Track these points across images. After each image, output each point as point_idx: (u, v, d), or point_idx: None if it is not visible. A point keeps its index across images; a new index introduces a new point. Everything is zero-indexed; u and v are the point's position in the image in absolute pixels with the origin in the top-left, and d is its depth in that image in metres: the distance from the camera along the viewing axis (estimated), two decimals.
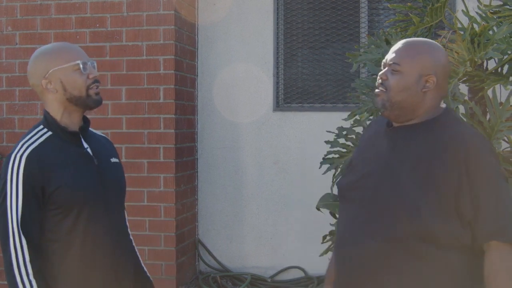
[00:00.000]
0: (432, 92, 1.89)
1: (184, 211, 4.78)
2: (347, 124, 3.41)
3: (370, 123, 2.20)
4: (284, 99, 5.03)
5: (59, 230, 1.97)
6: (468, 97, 2.99)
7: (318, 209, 3.28)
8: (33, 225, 1.93)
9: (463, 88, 3.01)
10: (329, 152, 3.21)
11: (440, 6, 3.00)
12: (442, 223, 1.76)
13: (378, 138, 1.99)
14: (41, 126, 2.06)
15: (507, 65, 2.85)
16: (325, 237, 3.19)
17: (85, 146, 2.08)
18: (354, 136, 3.19)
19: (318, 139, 3.92)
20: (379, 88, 1.92)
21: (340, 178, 2.12)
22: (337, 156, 3.20)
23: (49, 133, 2.03)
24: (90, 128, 2.19)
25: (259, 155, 4.98)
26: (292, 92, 5.03)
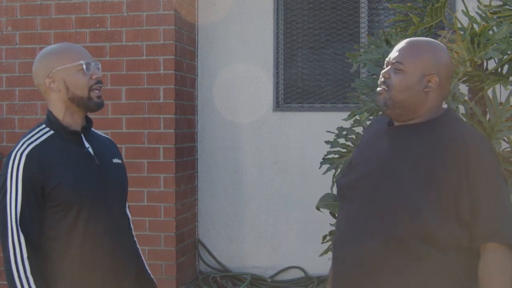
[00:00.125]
0: (434, 92, 1.89)
1: (184, 211, 4.78)
2: (347, 124, 3.41)
3: (371, 123, 2.20)
4: (284, 99, 5.03)
5: (59, 228, 1.97)
6: (468, 97, 2.99)
7: (318, 209, 3.28)
8: (32, 223, 1.93)
9: (463, 88, 3.01)
10: (329, 152, 3.21)
11: (440, 6, 3.00)
12: (443, 223, 1.76)
13: (379, 138, 1.99)
14: (44, 125, 2.07)
15: (507, 65, 2.85)
16: (325, 237, 3.19)
17: (87, 146, 2.09)
18: (354, 136, 3.19)
19: (318, 139, 3.92)
20: (381, 87, 1.92)
21: (340, 178, 2.11)
22: (337, 156, 3.20)
23: (51, 132, 2.05)
24: (94, 129, 2.20)
25: (259, 155, 4.98)
26: (292, 92, 5.03)
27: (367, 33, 4.75)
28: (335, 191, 2.32)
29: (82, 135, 2.10)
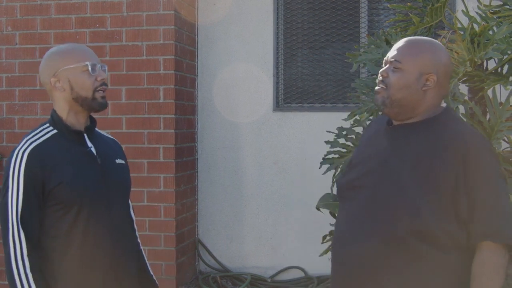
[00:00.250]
0: (433, 91, 1.89)
1: (184, 211, 4.78)
2: (347, 124, 3.41)
3: (371, 123, 2.20)
4: (284, 99, 5.03)
5: (60, 227, 1.98)
6: (468, 97, 2.99)
7: (318, 209, 3.28)
8: (33, 220, 1.94)
9: (463, 88, 3.01)
10: (329, 152, 3.21)
11: (440, 6, 3.00)
12: (442, 223, 1.76)
13: (378, 137, 1.99)
14: (47, 124, 2.09)
15: (507, 65, 2.85)
16: (325, 237, 3.19)
17: (89, 145, 2.10)
18: (354, 136, 3.19)
19: (318, 139, 3.92)
20: (380, 85, 1.92)
21: (340, 177, 2.12)
22: (337, 156, 3.20)
23: (54, 131, 2.06)
24: (98, 130, 2.20)
25: (259, 155, 4.98)
26: (292, 92, 5.03)
27: (367, 33, 4.75)
28: (335, 191, 2.33)
29: (85, 135, 2.11)
